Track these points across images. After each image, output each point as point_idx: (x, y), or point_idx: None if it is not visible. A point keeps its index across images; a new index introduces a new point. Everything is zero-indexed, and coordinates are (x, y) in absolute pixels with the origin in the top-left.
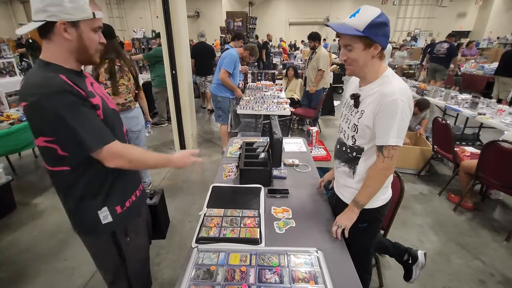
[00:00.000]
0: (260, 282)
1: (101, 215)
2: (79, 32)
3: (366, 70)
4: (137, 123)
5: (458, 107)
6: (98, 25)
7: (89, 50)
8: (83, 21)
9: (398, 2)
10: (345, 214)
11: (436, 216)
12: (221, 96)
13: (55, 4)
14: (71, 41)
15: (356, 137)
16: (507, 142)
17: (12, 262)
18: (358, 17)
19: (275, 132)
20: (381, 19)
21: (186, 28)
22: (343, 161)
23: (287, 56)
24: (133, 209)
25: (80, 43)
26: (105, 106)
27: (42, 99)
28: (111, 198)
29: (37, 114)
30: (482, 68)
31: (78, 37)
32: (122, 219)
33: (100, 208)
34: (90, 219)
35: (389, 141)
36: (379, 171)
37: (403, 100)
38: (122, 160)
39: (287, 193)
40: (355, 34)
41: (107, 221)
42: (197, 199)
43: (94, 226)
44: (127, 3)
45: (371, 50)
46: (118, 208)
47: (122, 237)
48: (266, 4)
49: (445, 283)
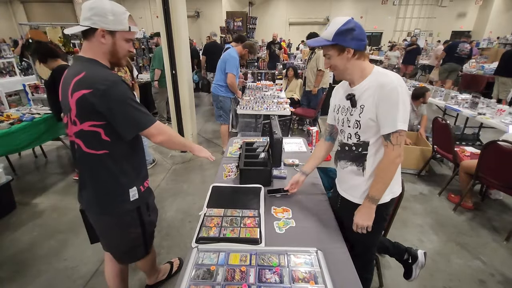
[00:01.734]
0: (260, 282)
1: (131, 193)
2: (114, 40)
3: (349, 72)
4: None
5: (458, 107)
6: (131, 37)
7: (119, 54)
8: (119, 32)
9: (398, 2)
10: (363, 214)
11: (436, 216)
12: (222, 96)
13: (100, 15)
14: (106, 45)
15: (360, 133)
16: (507, 142)
17: (12, 262)
18: (328, 29)
19: (275, 132)
20: (347, 26)
21: (186, 28)
22: (350, 160)
23: (287, 56)
24: (150, 188)
25: (113, 48)
26: None
27: (111, 87)
28: (138, 179)
29: (104, 100)
30: (482, 68)
31: (112, 43)
32: (144, 196)
33: (131, 186)
34: (121, 197)
35: (397, 126)
36: (390, 161)
37: (402, 86)
38: (164, 136)
39: (287, 192)
40: (325, 44)
41: (134, 198)
42: (197, 199)
43: (124, 203)
44: (127, 3)
45: (345, 55)
46: (141, 187)
47: (144, 212)
48: (266, 4)
49: (445, 283)
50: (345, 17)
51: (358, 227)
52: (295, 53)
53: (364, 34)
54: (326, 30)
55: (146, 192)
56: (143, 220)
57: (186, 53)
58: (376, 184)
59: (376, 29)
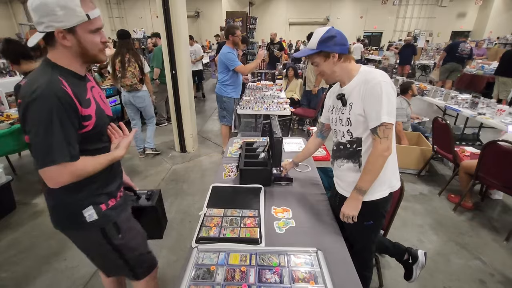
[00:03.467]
0: (260, 282)
1: (86, 214)
2: (77, 38)
3: (337, 75)
4: (142, 101)
5: (458, 107)
6: (96, 27)
7: (91, 51)
8: (79, 26)
9: (398, 2)
10: (350, 204)
11: (436, 216)
12: (226, 96)
13: (48, 14)
14: (72, 47)
15: (352, 130)
16: (507, 142)
17: (12, 262)
18: (311, 40)
19: (275, 132)
20: (329, 34)
21: (186, 28)
22: (345, 157)
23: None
24: (120, 206)
25: (81, 47)
26: (100, 114)
27: (32, 101)
28: (99, 196)
29: (24, 114)
30: (482, 68)
31: (77, 42)
32: (109, 215)
33: (85, 206)
34: (75, 216)
35: (381, 119)
36: (378, 153)
37: (385, 81)
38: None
39: (291, 181)
40: (311, 53)
41: (92, 219)
42: (197, 199)
43: (80, 223)
44: (127, 3)
45: (331, 59)
46: (103, 206)
47: (112, 234)
48: (266, 4)
49: (445, 283)
50: (326, 27)
51: (344, 216)
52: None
53: (345, 39)
54: (309, 42)
55: (112, 211)
56: (113, 244)
57: (186, 53)
58: (365, 176)
59: (376, 29)
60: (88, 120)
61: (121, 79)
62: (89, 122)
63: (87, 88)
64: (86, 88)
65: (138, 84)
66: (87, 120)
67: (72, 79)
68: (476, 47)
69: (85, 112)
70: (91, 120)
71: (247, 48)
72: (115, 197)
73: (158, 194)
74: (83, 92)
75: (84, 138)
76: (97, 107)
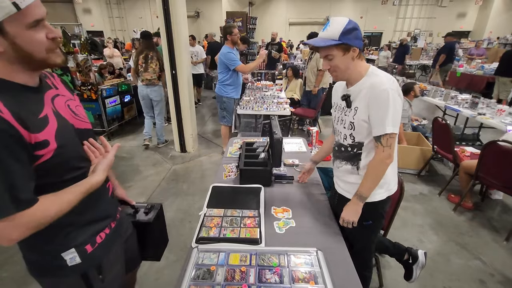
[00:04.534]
0: (260, 282)
1: (67, 257)
2: (10, 38)
3: (349, 72)
4: (158, 95)
5: (458, 107)
6: (34, 18)
7: (34, 54)
8: (8, 22)
9: (398, 2)
10: (350, 209)
11: (436, 216)
12: (226, 97)
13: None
14: (5, 52)
15: (354, 134)
16: (507, 142)
17: (13, 262)
18: (330, 29)
19: (275, 132)
20: (351, 25)
21: (186, 28)
22: (344, 159)
23: (287, 56)
24: (107, 243)
25: (18, 51)
26: (64, 134)
27: None
28: (81, 233)
29: None
30: (482, 68)
31: (11, 45)
32: (94, 257)
33: (65, 249)
34: (52, 260)
35: (386, 130)
36: (380, 161)
37: (392, 89)
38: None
39: (292, 179)
40: (333, 44)
41: (74, 263)
42: (197, 199)
43: (58, 267)
44: (127, 3)
45: (350, 54)
46: (89, 246)
47: (94, 278)
48: (266, 4)
49: (445, 283)
50: (343, 17)
51: (344, 222)
52: (295, 53)
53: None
54: (327, 31)
55: (99, 250)
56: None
57: (186, 53)
58: (366, 183)
59: (376, 29)
60: (44, 147)
61: (143, 73)
62: (46, 150)
63: (44, 101)
64: (40, 102)
65: (156, 79)
66: (42, 148)
67: (14, 94)
68: (475, 47)
69: (37, 138)
70: (48, 147)
71: (248, 48)
72: (104, 229)
73: (158, 209)
74: (33, 109)
75: (44, 170)
76: (59, 125)
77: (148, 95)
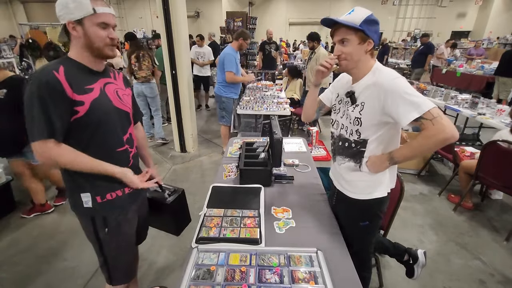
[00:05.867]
0: (260, 282)
1: (83, 199)
2: (84, 29)
3: (359, 65)
4: (152, 91)
5: (458, 107)
6: (102, 21)
7: (95, 44)
8: (86, 18)
9: (398, 2)
10: (377, 161)
11: (436, 216)
12: (225, 97)
13: (64, 7)
14: (80, 38)
15: (361, 130)
16: (507, 142)
17: (12, 262)
18: (353, 14)
19: (275, 132)
20: (373, 17)
21: (186, 28)
22: (347, 156)
23: (287, 56)
24: (115, 204)
25: (86, 38)
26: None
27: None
28: (94, 186)
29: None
30: (482, 68)
31: (84, 34)
32: (100, 209)
33: (83, 191)
34: (75, 197)
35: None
36: (429, 135)
37: (400, 77)
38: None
39: (292, 179)
40: (353, 26)
41: (87, 206)
42: (197, 199)
43: (79, 205)
44: (127, 3)
45: (365, 45)
46: (98, 198)
47: (100, 226)
48: (266, 4)
49: (445, 283)
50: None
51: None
52: (295, 53)
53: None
54: (350, 15)
55: (105, 206)
56: (98, 236)
57: (186, 53)
58: (404, 148)
59: None
60: (80, 105)
61: (137, 71)
62: (81, 108)
63: (97, 81)
64: (93, 80)
65: (150, 76)
66: (79, 105)
67: (77, 71)
68: (474, 48)
69: (77, 97)
70: (83, 106)
71: (248, 49)
72: (116, 190)
73: (179, 194)
74: (84, 81)
75: (77, 125)
76: (99, 97)
77: (142, 92)
